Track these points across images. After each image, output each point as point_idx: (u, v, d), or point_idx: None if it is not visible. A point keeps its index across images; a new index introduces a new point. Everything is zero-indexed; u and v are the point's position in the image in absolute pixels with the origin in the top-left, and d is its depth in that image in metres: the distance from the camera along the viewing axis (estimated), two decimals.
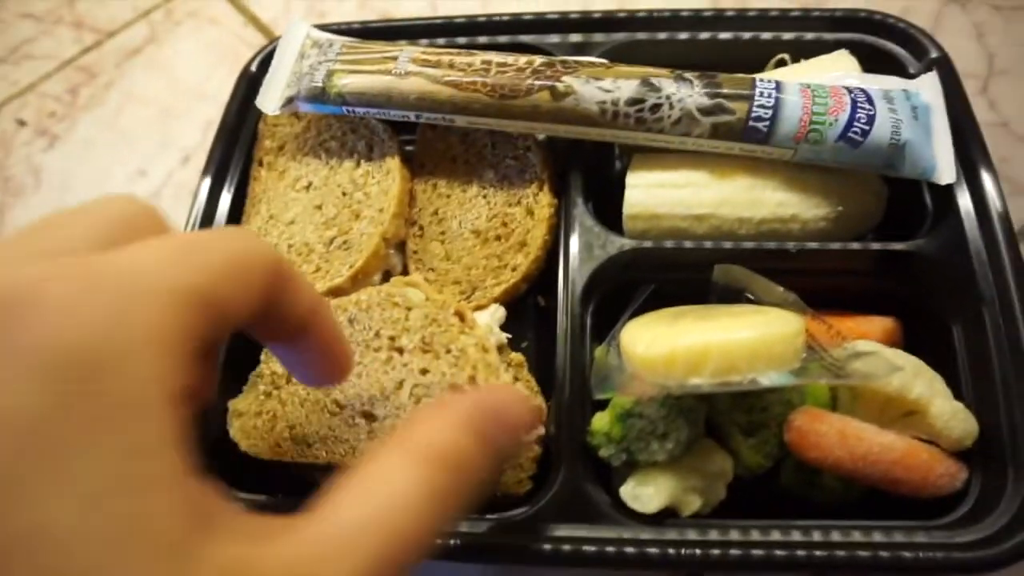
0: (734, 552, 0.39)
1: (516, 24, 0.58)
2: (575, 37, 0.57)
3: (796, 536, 0.40)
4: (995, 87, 0.69)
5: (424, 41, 0.58)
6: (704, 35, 0.56)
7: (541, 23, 0.58)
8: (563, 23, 0.58)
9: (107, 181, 0.70)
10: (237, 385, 0.48)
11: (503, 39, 0.58)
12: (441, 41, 0.58)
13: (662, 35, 0.57)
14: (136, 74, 0.76)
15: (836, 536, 0.40)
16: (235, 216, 0.54)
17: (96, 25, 0.80)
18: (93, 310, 0.20)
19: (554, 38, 0.58)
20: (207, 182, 0.54)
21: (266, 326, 0.28)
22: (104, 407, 0.19)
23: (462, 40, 0.58)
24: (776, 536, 0.40)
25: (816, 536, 0.40)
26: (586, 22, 0.58)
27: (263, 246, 0.27)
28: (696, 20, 0.57)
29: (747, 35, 0.56)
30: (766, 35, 0.56)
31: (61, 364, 0.19)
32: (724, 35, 0.56)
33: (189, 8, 0.80)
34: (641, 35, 0.57)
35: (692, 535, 0.40)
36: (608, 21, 0.57)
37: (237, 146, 0.56)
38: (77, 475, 0.19)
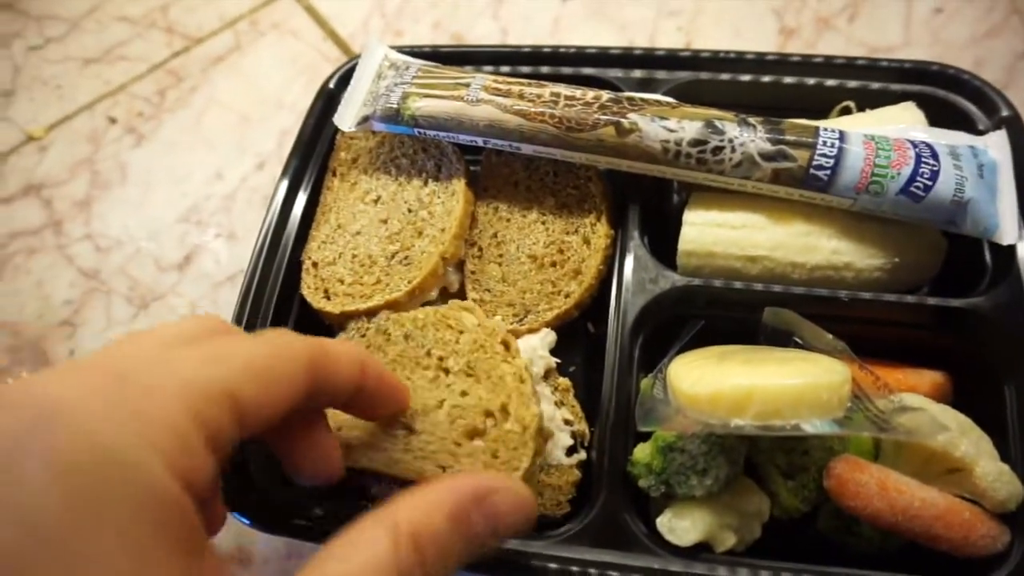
0: None
1: (581, 57, 0.60)
2: (639, 73, 0.59)
3: None
4: None
5: (490, 68, 0.60)
6: (770, 78, 0.57)
7: (605, 57, 0.59)
8: (627, 58, 0.59)
9: (186, 181, 0.74)
10: None
11: (568, 70, 0.59)
12: (506, 69, 0.60)
13: (728, 76, 0.57)
14: (219, 80, 0.81)
15: None
16: (306, 222, 0.56)
17: (186, 31, 0.85)
18: (112, 418, 0.24)
19: (618, 72, 0.59)
20: (283, 188, 0.57)
21: (320, 401, 0.33)
22: (114, 511, 0.22)
23: (526, 69, 0.60)
24: None
25: None
26: (650, 58, 0.59)
27: (294, 346, 0.31)
28: (764, 63, 0.57)
29: (813, 81, 0.57)
30: (833, 82, 0.56)
31: (77, 468, 0.22)
32: (790, 79, 0.57)
33: (273, 20, 0.85)
34: (706, 74, 0.58)
35: (722, 572, 0.41)
36: (672, 59, 0.58)
37: (312, 157, 0.59)
38: None
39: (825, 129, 0.48)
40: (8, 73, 0.83)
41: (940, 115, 0.53)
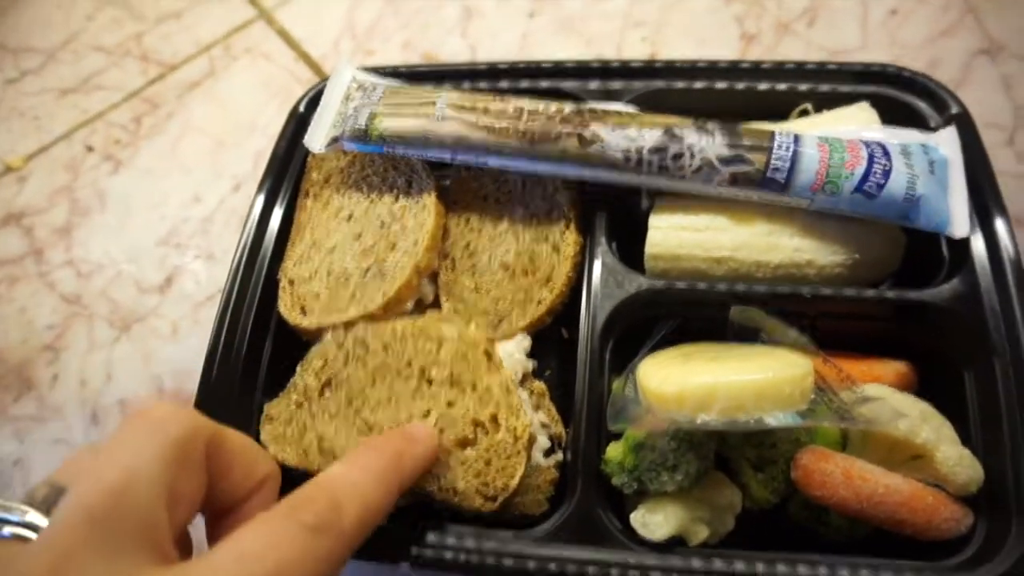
0: None
1: (546, 70, 0.61)
2: (604, 84, 0.60)
3: (802, 570, 0.41)
4: (1021, 139, 0.70)
5: (466, 84, 0.61)
6: (733, 84, 0.59)
7: (569, 70, 0.61)
8: (592, 71, 0.61)
9: (164, 205, 0.75)
10: (277, 390, 0.52)
11: (540, 83, 0.61)
12: (479, 84, 0.62)
13: (692, 83, 0.59)
14: (195, 106, 0.82)
15: (844, 572, 0.41)
16: (282, 241, 0.57)
17: (161, 59, 0.86)
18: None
19: (583, 84, 0.60)
20: (257, 209, 0.58)
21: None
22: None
23: (503, 84, 0.61)
24: (781, 569, 0.42)
25: (822, 571, 0.41)
26: (614, 70, 0.60)
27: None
28: (726, 70, 0.59)
29: (774, 85, 0.58)
30: (792, 86, 0.58)
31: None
32: (752, 85, 0.59)
33: (246, 44, 0.86)
34: (670, 83, 0.59)
35: (696, 563, 0.42)
36: (635, 70, 0.60)
37: (285, 177, 0.60)
38: None
39: (780, 133, 0.50)
40: None
41: (894, 114, 0.55)
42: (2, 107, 0.84)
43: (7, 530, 0.30)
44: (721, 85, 0.59)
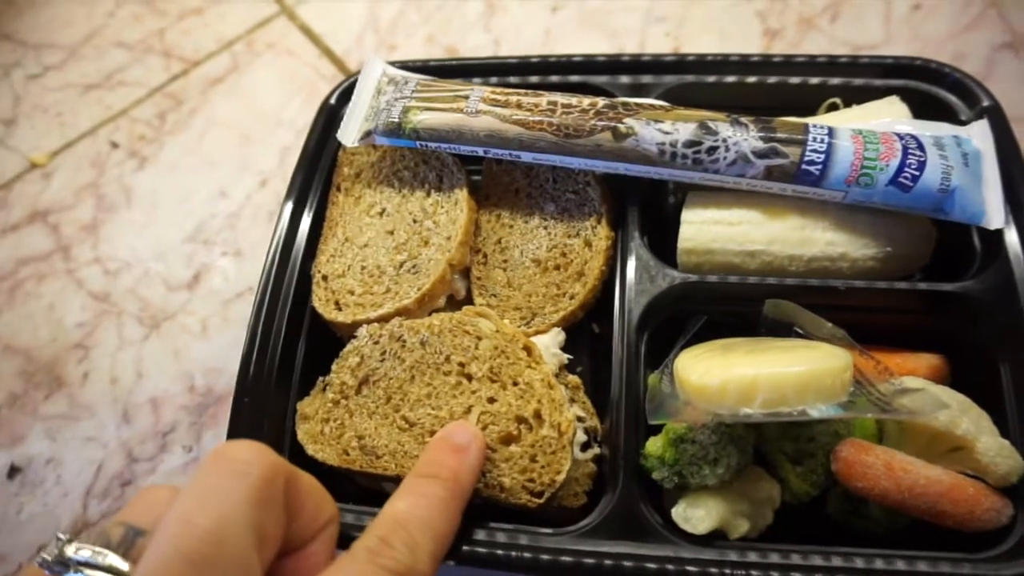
0: (774, 575, 0.41)
1: (575, 65, 0.61)
2: (632, 78, 0.60)
3: (837, 562, 0.42)
4: None
5: (494, 79, 0.62)
6: (759, 79, 0.59)
7: (598, 64, 0.61)
8: (620, 65, 0.61)
9: (191, 201, 0.76)
10: (311, 388, 0.53)
11: (562, 79, 0.61)
12: (501, 79, 0.62)
13: (718, 78, 0.59)
14: (219, 101, 0.82)
15: (879, 564, 0.41)
16: (314, 236, 0.58)
17: (183, 55, 0.86)
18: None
19: (611, 78, 0.61)
20: (289, 206, 0.58)
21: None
22: None
23: (533, 79, 0.62)
24: (817, 561, 0.42)
25: (858, 563, 0.41)
26: (642, 64, 0.61)
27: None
28: (753, 64, 0.59)
29: (801, 80, 0.58)
30: (819, 80, 0.58)
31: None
32: (779, 79, 0.59)
33: (268, 40, 0.86)
34: (697, 77, 0.60)
35: (732, 556, 0.42)
36: (664, 64, 0.60)
37: (317, 173, 0.60)
38: None
39: (814, 126, 0.50)
40: (8, 102, 0.85)
41: (923, 108, 0.55)
42: (25, 104, 0.85)
43: (91, 574, 0.30)
44: (751, 80, 0.59)
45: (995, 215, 0.49)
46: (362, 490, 0.52)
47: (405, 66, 0.62)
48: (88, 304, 0.71)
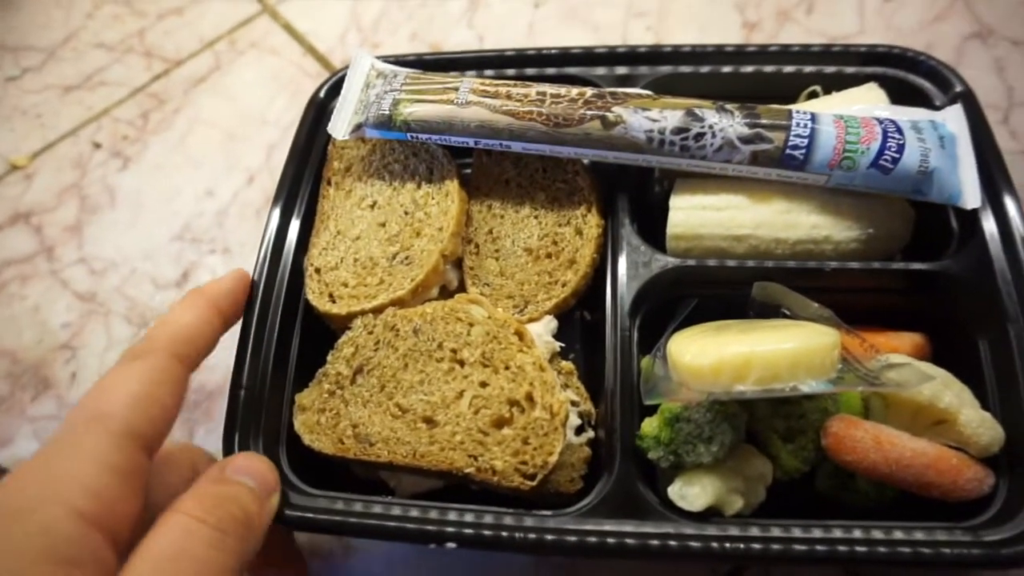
0: (775, 547, 0.42)
1: (560, 57, 0.62)
2: (616, 70, 0.61)
3: (837, 533, 0.43)
4: (1016, 117, 0.72)
5: (473, 73, 0.62)
6: (741, 68, 0.60)
7: (584, 56, 0.62)
8: (604, 57, 0.62)
9: (177, 200, 0.75)
10: (307, 380, 0.53)
11: (548, 71, 0.62)
12: (489, 73, 0.62)
13: (700, 68, 0.60)
14: (203, 101, 0.82)
15: (877, 534, 0.42)
16: (305, 229, 0.58)
17: (164, 54, 0.86)
18: (27, 490, 0.35)
19: (596, 70, 0.62)
20: (280, 201, 0.58)
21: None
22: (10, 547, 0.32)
23: (508, 72, 0.62)
24: (817, 533, 0.43)
25: (857, 533, 0.43)
26: (625, 55, 0.61)
27: (150, 359, 0.42)
28: (734, 54, 0.60)
29: (782, 68, 0.60)
30: (799, 68, 0.60)
31: None
32: (760, 68, 0.60)
33: (251, 39, 0.86)
34: (680, 68, 0.61)
35: (735, 531, 0.43)
36: (647, 55, 0.61)
37: (307, 167, 0.60)
38: None
39: (798, 112, 0.51)
40: None
41: (900, 94, 0.56)
42: (3, 106, 0.83)
43: None
44: (732, 69, 0.60)
45: (971, 195, 0.50)
46: (358, 479, 0.53)
47: (393, 61, 0.62)
48: (74, 304, 0.70)
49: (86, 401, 0.39)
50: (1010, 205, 0.51)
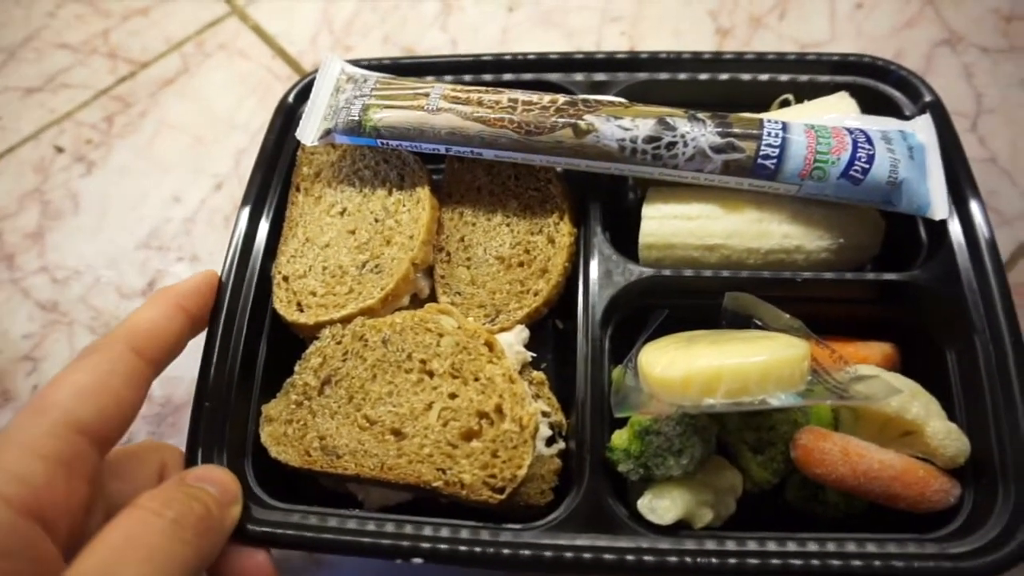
0: (752, 561, 0.42)
1: (534, 63, 0.62)
2: (590, 76, 0.61)
3: (812, 547, 0.42)
4: (983, 124, 0.73)
5: (450, 77, 0.61)
6: (714, 76, 0.60)
7: (557, 62, 0.61)
8: (578, 63, 0.61)
9: (143, 206, 0.73)
10: (275, 390, 0.52)
11: (518, 76, 0.61)
12: (467, 77, 0.62)
13: (674, 75, 0.60)
14: (170, 104, 0.80)
15: (851, 547, 0.42)
16: (273, 237, 0.57)
17: (130, 56, 0.84)
18: None
19: (570, 76, 0.61)
20: (247, 207, 0.57)
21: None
22: None
23: (481, 77, 0.62)
24: (792, 547, 0.43)
25: (831, 547, 0.42)
26: (599, 62, 0.61)
27: (108, 351, 0.42)
28: (708, 62, 0.60)
29: (754, 77, 0.60)
30: (772, 77, 0.60)
31: None
32: (733, 76, 0.60)
33: (219, 41, 0.84)
34: (655, 75, 0.60)
35: (709, 545, 0.43)
36: (621, 61, 0.61)
37: (275, 172, 0.59)
38: None
39: (769, 121, 0.51)
40: None
41: (870, 103, 0.57)
42: None
43: None
44: (705, 76, 0.60)
45: (939, 206, 0.51)
46: (326, 492, 0.52)
47: (364, 65, 0.61)
48: (36, 314, 0.68)
49: (33, 397, 0.39)
50: (977, 216, 0.51)
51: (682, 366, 0.44)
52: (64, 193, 0.74)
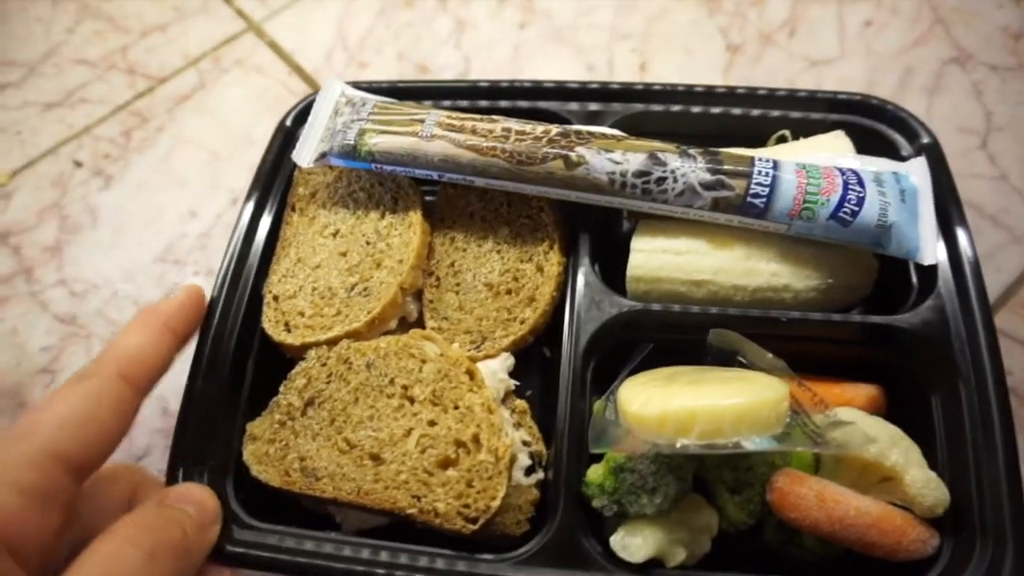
0: None
1: (533, 91, 0.62)
2: (587, 106, 0.61)
3: None
4: (993, 142, 0.72)
5: (448, 103, 0.62)
6: (712, 110, 0.60)
7: (556, 91, 0.62)
8: (576, 92, 0.61)
9: (160, 220, 0.75)
10: (260, 409, 0.53)
11: (519, 104, 0.62)
12: (465, 103, 0.62)
13: (671, 108, 0.60)
14: (186, 119, 0.82)
15: None
16: (267, 256, 0.58)
17: (147, 72, 0.86)
18: None
19: (567, 105, 0.61)
20: (243, 223, 0.58)
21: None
22: None
23: (484, 103, 0.62)
24: None
25: None
26: (598, 92, 0.61)
27: (93, 385, 0.43)
28: (707, 95, 0.60)
29: (753, 112, 0.60)
30: (770, 112, 0.59)
31: None
32: (731, 111, 0.60)
33: (236, 57, 0.86)
34: (652, 106, 0.61)
35: None
36: (620, 92, 0.61)
37: (272, 192, 0.60)
38: None
39: (760, 159, 0.51)
40: None
41: (867, 142, 0.56)
42: None
43: None
44: (701, 110, 0.60)
45: (928, 251, 0.50)
46: (306, 511, 0.53)
47: (367, 87, 0.62)
48: (54, 327, 0.70)
49: (17, 424, 0.39)
50: (967, 263, 0.50)
51: (658, 404, 0.44)
52: (82, 207, 0.77)
